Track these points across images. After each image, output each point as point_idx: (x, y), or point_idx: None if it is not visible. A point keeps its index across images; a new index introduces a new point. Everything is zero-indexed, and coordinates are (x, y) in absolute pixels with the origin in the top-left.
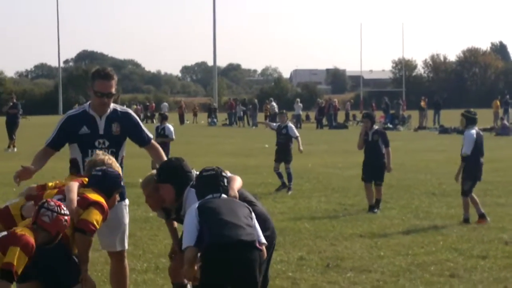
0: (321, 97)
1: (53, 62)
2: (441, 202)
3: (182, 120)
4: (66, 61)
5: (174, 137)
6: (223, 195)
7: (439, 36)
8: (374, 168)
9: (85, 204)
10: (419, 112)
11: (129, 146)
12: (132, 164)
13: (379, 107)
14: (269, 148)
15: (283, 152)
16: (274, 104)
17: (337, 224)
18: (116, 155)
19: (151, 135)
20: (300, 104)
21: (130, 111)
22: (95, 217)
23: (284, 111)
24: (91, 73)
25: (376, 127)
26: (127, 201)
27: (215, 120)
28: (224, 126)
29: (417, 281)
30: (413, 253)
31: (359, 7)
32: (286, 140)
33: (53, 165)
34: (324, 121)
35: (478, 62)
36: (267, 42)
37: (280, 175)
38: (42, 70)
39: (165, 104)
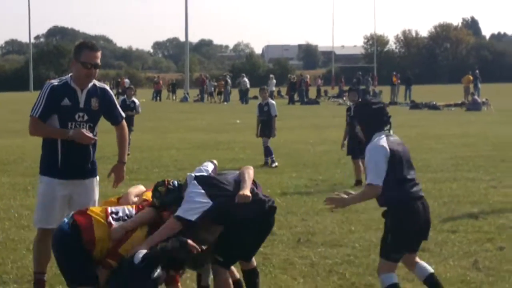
0: (292, 72)
1: (24, 38)
2: None
3: (158, 96)
4: (37, 37)
5: (140, 110)
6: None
7: (411, 11)
8: (355, 142)
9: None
10: (390, 87)
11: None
12: (103, 140)
13: (348, 82)
14: (240, 124)
15: (266, 128)
16: (245, 80)
17: (308, 200)
18: (92, 130)
19: (123, 114)
20: (274, 81)
21: (107, 87)
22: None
23: (265, 87)
24: (76, 45)
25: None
26: (97, 178)
27: (187, 96)
28: (195, 102)
29: None
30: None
31: None
32: (268, 117)
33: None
34: (296, 97)
35: (450, 38)
36: (239, 18)
37: (268, 149)
38: (13, 46)
39: (127, 80)
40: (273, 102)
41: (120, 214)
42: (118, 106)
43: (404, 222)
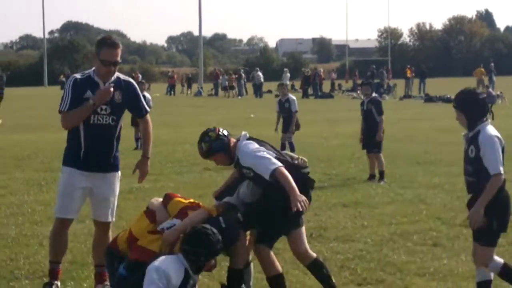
0: (306, 66)
1: (38, 33)
2: (425, 171)
3: (172, 91)
4: (51, 32)
5: (152, 105)
6: None
7: (425, 4)
8: (369, 137)
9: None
10: (404, 81)
11: None
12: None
13: (362, 76)
14: (254, 118)
15: (290, 124)
16: (259, 74)
17: (322, 194)
18: (116, 123)
19: (148, 108)
20: (288, 74)
21: (132, 81)
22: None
23: (284, 83)
24: (97, 41)
25: (373, 95)
26: (119, 173)
27: (201, 90)
28: (209, 96)
29: (400, 250)
30: (396, 222)
31: None
32: (289, 113)
33: (40, 136)
34: (310, 91)
35: (464, 30)
36: (253, 12)
37: (284, 146)
38: (27, 41)
39: (140, 75)
40: (294, 98)
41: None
42: (143, 100)
43: (507, 207)
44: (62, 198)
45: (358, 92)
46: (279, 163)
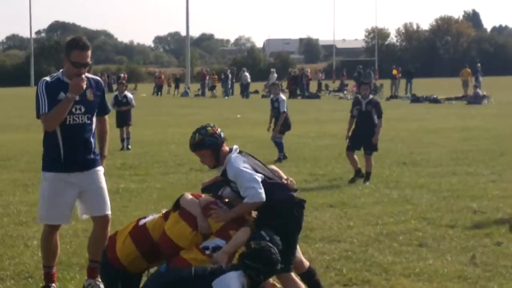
0: (293, 66)
1: (25, 33)
2: (411, 171)
3: (159, 91)
4: (38, 32)
5: (134, 104)
6: None
7: (412, 4)
8: (366, 138)
9: None
10: (391, 81)
11: None
12: None
13: (350, 76)
14: (241, 118)
15: (276, 124)
16: (246, 74)
17: (308, 194)
18: (91, 121)
19: (111, 108)
20: (275, 75)
21: (100, 79)
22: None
23: (277, 82)
24: (67, 43)
25: (371, 96)
26: (101, 168)
27: (188, 90)
28: (196, 96)
29: (386, 251)
30: (382, 222)
31: None
32: (279, 113)
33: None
34: (297, 91)
35: (451, 31)
36: (240, 12)
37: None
38: (14, 41)
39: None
40: (284, 98)
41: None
42: (107, 100)
43: None
44: (47, 206)
45: (345, 92)
46: (257, 191)
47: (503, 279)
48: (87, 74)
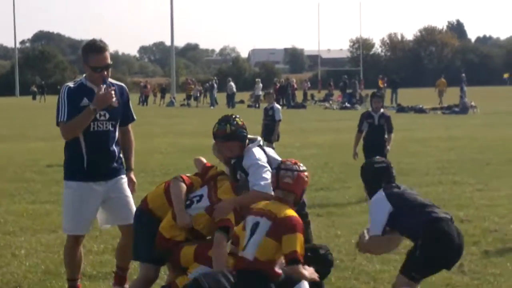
0: (279, 76)
1: (9, 43)
2: (398, 180)
3: (145, 101)
4: (22, 42)
5: None
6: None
7: (397, 14)
8: (379, 154)
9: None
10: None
11: None
12: None
13: (337, 86)
14: None
15: (269, 133)
16: (232, 84)
17: None
18: (115, 128)
19: (135, 117)
20: (261, 85)
21: (124, 85)
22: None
23: (271, 91)
24: (83, 49)
25: (382, 110)
26: (125, 176)
27: (173, 100)
28: (182, 106)
29: (374, 259)
30: None
31: None
32: (272, 122)
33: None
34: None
35: (435, 41)
36: (225, 22)
37: None
38: None
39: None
40: (278, 107)
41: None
42: (132, 107)
43: None
44: (72, 215)
45: (331, 102)
46: (270, 184)
47: (491, 287)
48: (111, 80)
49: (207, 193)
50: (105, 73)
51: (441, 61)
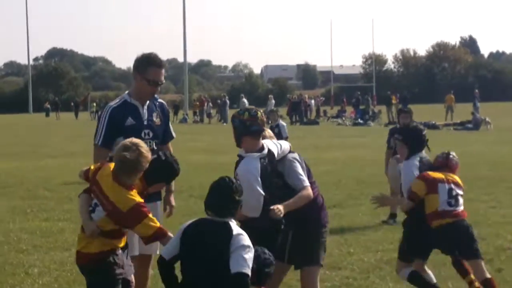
0: (292, 92)
1: (23, 60)
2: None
3: None
4: (36, 59)
5: None
6: None
7: (409, 30)
8: None
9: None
10: (386, 107)
11: None
12: None
13: (349, 102)
14: None
15: None
16: (244, 100)
17: None
18: (158, 147)
19: (174, 135)
20: (273, 101)
21: (164, 102)
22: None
23: (275, 108)
24: (140, 60)
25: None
26: (160, 202)
27: (186, 117)
28: (195, 123)
29: (387, 278)
30: (383, 249)
31: (329, 2)
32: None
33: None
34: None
35: (448, 57)
36: (238, 38)
37: None
38: (12, 68)
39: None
40: (284, 124)
41: None
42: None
43: None
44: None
45: (344, 118)
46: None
47: None
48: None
49: (97, 198)
50: (158, 89)
51: (454, 77)
